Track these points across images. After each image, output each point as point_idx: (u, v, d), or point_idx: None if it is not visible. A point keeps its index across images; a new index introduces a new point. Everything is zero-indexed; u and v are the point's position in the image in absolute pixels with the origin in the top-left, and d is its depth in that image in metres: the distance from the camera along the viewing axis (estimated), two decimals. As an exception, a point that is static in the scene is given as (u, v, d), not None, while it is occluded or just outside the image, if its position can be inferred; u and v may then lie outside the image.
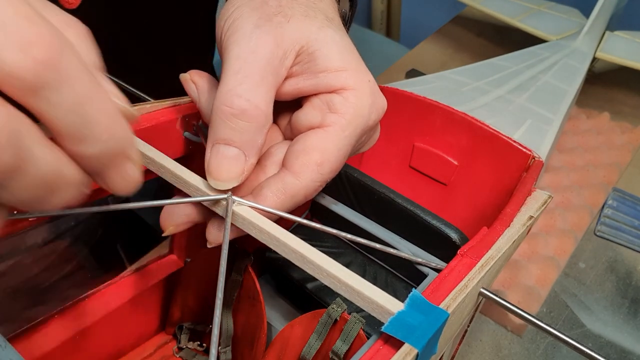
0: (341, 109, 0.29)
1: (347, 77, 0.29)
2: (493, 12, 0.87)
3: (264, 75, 0.27)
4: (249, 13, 0.28)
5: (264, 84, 0.27)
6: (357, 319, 0.36)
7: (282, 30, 0.28)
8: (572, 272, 0.59)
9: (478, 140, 0.49)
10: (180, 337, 0.45)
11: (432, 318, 0.26)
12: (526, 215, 0.37)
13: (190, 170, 0.33)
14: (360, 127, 0.30)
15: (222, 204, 0.31)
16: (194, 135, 0.40)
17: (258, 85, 0.27)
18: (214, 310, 0.24)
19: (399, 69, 0.88)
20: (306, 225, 0.33)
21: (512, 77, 0.62)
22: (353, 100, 0.29)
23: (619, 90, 0.84)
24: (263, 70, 0.27)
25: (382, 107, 0.32)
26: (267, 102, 0.28)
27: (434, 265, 0.33)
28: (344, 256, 0.51)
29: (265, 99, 0.28)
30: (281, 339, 0.39)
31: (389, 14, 1.48)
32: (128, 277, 0.43)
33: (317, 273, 0.28)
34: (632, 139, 0.75)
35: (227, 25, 0.29)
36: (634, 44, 0.81)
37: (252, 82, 0.27)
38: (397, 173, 0.54)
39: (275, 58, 0.28)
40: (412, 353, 0.24)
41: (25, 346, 0.36)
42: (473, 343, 0.52)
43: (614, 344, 0.53)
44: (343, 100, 0.29)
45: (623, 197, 0.66)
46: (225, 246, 0.29)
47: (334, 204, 0.35)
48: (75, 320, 0.39)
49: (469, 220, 0.51)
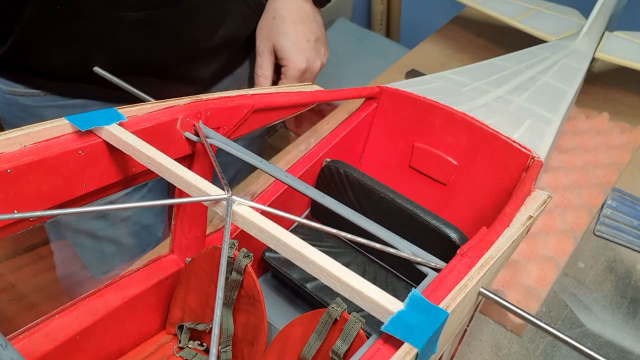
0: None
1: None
2: (492, 13, 0.87)
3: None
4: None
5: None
6: (357, 319, 0.36)
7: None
8: (572, 272, 0.59)
9: (478, 140, 0.49)
10: (180, 337, 0.45)
11: (432, 318, 0.26)
12: (525, 215, 0.37)
13: (190, 170, 0.33)
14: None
15: (222, 204, 0.31)
16: (194, 135, 0.40)
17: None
18: (214, 310, 0.25)
19: (399, 69, 0.88)
20: (306, 225, 0.33)
21: (511, 77, 0.62)
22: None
23: (618, 90, 0.84)
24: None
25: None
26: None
27: (433, 265, 0.33)
28: (344, 256, 0.51)
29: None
30: (281, 338, 0.39)
31: (389, 14, 1.48)
32: (128, 277, 0.43)
33: (317, 273, 0.28)
34: (631, 139, 0.75)
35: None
36: (633, 44, 0.81)
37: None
38: (397, 173, 0.55)
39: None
40: (412, 352, 0.25)
41: (26, 346, 0.36)
42: (473, 342, 0.52)
43: (613, 343, 0.53)
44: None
45: (622, 197, 0.66)
46: (225, 246, 0.29)
47: (334, 204, 0.35)
48: (75, 320, 0.39)
49: (468, 220, 0.51)
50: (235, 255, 0.40)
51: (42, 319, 0.38)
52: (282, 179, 0.37)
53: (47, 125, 0.34)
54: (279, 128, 1.06)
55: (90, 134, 0.35)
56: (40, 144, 0.33)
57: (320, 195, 0.36)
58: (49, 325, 0.38)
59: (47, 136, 0.33)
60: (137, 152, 0.34)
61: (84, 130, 0.34)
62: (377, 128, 0.54)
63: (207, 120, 0.40)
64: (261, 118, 0.45)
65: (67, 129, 0.34)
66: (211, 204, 0.32)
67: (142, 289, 0.43)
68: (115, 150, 0.36)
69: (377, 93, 0.53)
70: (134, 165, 0.38)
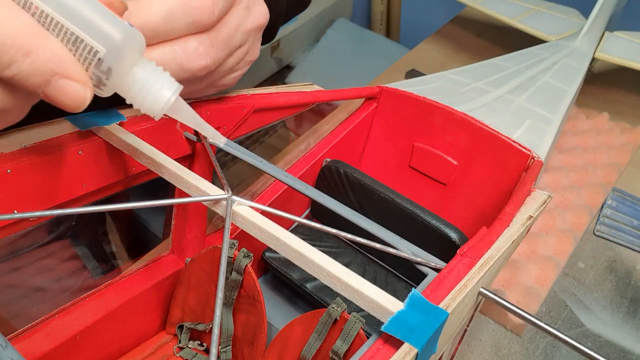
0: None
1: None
2: (492, 13, 0.87)
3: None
4: None
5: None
6: (357, 319, 0.36)
7: None
8: (572, 272, 0.59)
9: (478, 140, 0.49)
10: (180, 337, 0.45)
11: (432, 318, 0.26)
12: (525, 215, 0.37)
13: (190, 170, 0.33)
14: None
15: (222, 204, 0.31)
16: (194, 135, 0.40)
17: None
18: (214, 310, 0.25)
19: (399, 69, 0.88)
20: (306, 225, 0.33)
21: (511, 77, 0.62)
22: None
23: (618, 90, 0.84)
24: None
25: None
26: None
27: (433, 265, 0.33)
28: (344, 256, 0.51)
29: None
30: (281, 338, 0.39)
31: (389, 14, 1.48)
32: (128, 277, 0.43)
33: (317, 273, 0.28)
34: (631, 139, 0.75)
35: None
36: (633, 44, 0.81)
37: None
38: (397, 173, 0.55)
39: None
40: (412, 352, 0.25)
41: (26, 346, 0.36)
42: (473, 342, 0.52)
43: (613, 343, 0.53)
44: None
45: (622, 197, 0.66)
46: (225, 246, 0.29)
47: (334, 204, 0.35)
48: (75, 320, 0.39)
49: (468, 220, 0.51)
50: (235, 255, 0.40)
51: (42, 319, 0.38)
52: (282, 179, 0.37)
53: (46, 125, 0.34)
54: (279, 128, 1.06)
55: (90, 134, 0.35)
56: (40, 144, 0.33)
57: (320, 195, 0.36)
58: (49, 325, 0.38)
59: (47, 136, 0.33)
60: (137, 152, 0.34)
61: (83, 130, 0.34)
62: (377, 128, 0.54)
63: (207, 120, 0.40)
64: (261, 118, 0.45)
65: (66, 129, 0.34)
66: (211, 204, 0.32)
67: (142, 289, 0.43)
68: (115, 150, 0.36)
69: (377, 93, 0.53)
70: (134, 165, 0.38)
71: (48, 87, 0.23)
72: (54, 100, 0.24)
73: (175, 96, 0.27)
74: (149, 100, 0.27)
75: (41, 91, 0.24)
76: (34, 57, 0.22)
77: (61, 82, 0.23)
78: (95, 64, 0.24)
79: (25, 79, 0.23)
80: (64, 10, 0.23)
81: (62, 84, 0.23)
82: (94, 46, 0.24)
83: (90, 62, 0.24)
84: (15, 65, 0.22)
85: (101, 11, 0.24)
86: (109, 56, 0.24)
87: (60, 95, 0.24)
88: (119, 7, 0.25)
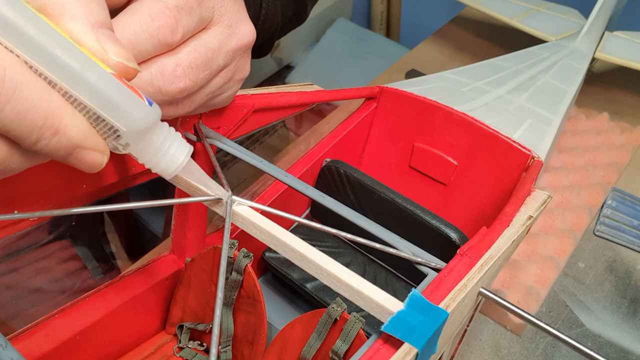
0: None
1: None
2: (492, 13, 0.87)
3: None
4: None
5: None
6: (356, 319, 0.36)
7: None
8: (572, 272, 0.59)
9: (478, 140, 0.49)
10: (180, 337, 0.45)
11: (432, 318, 0.26)
12: (525, 215, 0.37)
13: (190, 170, 0.33)
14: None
15: (222, 204, 0.31)
16: (194, 135, 0.40)
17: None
18: (214, 310, 0.25)
19: (399, 69, 0.88)
20: (306, 225, 0.33)
21: (511, 77, 0.62)
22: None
23: (618, 90, 0.84)
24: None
25: None
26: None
27: (433, 265, 0.33)
28: (344, 256, 0.51)
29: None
30: (281, 338, 0.39)
31: (389, 14, 1.48)
32: (128, 277, 0.43)
33: (317, 273, 0.28)
34: (631, 139, 0.75)
35: None
36: (633, 44, 0.81)
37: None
38: (397, 173, 0.55)
39: None
40: (412, 352, 0.25)
41: (26, 346, 0.36)
42: (473, 342, 0.52)
43: (613, 343, 0.53)
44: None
45: (622, 197, 0.66)
46: (225, 246, 0.29)
47: (334, 204, 0.35)
48: (75, 320, 0.39)
49: (468, 220, 0.51)
50: (235, 255, 0.40)
51: (42, 319, 0.38)
52: (282, 179, 0.37)
53: (47, 125, 0.34)
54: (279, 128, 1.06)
55: (90, 134, 0.35)
56: (40, 144, 0.32)
57: (320, 195, 0.36)
58: (49, 325, 0.38)
59: (47, 136, 0.33)
60: (137, 152, 0.34)
61: (84, 130, 0.34)
62: (377, 128, 0.54)
63: (207, 120, 0.40)
64: (261, 118, 0.45)
65: (67, 129, 0.34)
66: (211, 204, 0.32)
67: (142, 289, 0.43)
68: (115, 150, 0.35)
69: (377, 93, 0.53)
70: (134, 165, 0.38)
71: (69, 157, 0.24)
72: (72, 165, 0.25)
73: (187, 159, 0.28)
74: (163, 164, 0.28)
75: (61, 160, 0.25)
76: (60, 136, 0.23)
77: (82, 152, 0.24)
78: (114, 138, 0.25)
79: (49, 153, 0.24)
80: (86, 93, 0.23)
81: (82, 154, 0.24)
82: (115, 125, 0.24)
83: (110, 135, 0.25)
84: (42, 142, 0.23)
85: (122, 91, 0.24)
86: (129, 135, 0.25)
87: (79, 162, 0.25)
88: (132, 74, 0.25)
